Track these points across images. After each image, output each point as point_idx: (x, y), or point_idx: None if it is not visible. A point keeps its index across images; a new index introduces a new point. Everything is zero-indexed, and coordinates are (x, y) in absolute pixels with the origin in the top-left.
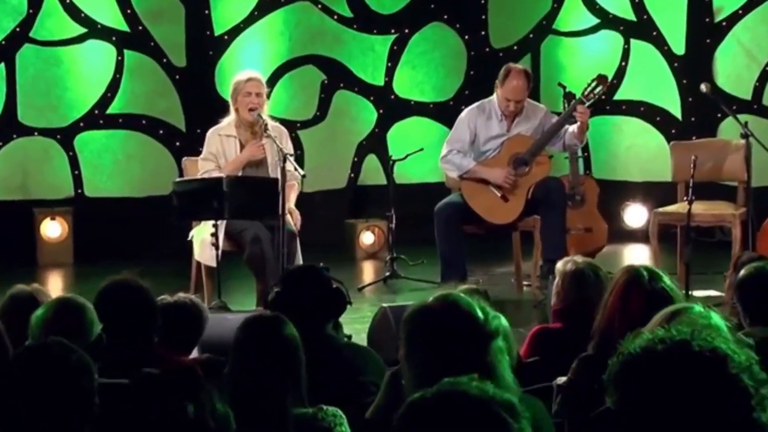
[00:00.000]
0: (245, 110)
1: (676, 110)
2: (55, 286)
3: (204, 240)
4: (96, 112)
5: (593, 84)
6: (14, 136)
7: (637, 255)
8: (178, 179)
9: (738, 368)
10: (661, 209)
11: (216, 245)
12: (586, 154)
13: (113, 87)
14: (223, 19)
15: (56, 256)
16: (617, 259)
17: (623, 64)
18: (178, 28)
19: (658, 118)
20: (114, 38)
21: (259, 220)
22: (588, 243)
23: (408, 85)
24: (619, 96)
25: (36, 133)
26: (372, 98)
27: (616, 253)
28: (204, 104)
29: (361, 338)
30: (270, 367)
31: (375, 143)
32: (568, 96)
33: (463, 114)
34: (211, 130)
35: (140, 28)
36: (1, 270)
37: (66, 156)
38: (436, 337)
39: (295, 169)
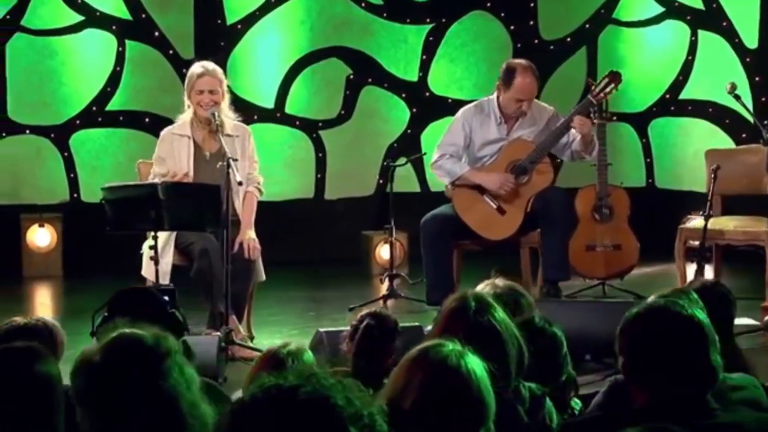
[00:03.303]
0: (198, 108)
1: (747, 111)
2: (41, 300)
3: (147, 253)
4: (94, 108)
5: (604, 82)
6: (3, 134)
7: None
8: (108, 185)
9: (349, 420)
10: (687, 225)
11: (155, 259)
12: (648, 160)
13: (113, 81)
14: (236, 7)
15: (44, 267)
16: (669, 281)
17: (690, 58)
18: (186, 17)
19: (727, 121)
20: (114, 27)
21: (203, 231)
22: (616, 262)
23: (445, 81)
24: (685, 95)
25: (28, 132)
26: (404, 95)
27: (668, 275)
28: None
29: None
30: (12, 409)
31: (407, 146)
32: None
33: (458, 114)
34: (165, 130)
35: (144, 16)
36: None
37: (61, 157)
38: (106, 392)
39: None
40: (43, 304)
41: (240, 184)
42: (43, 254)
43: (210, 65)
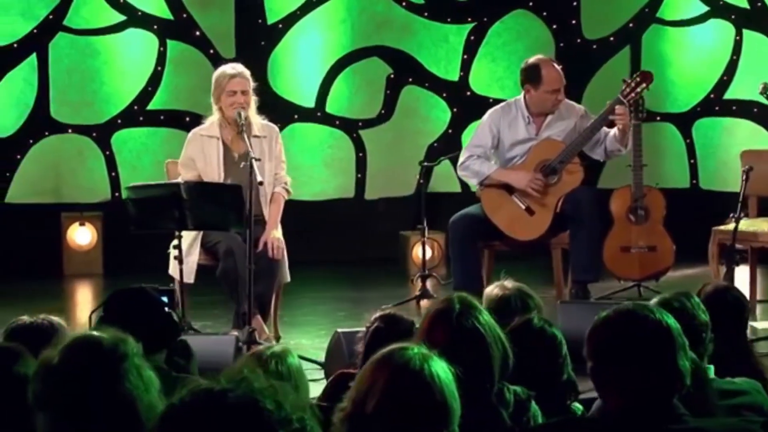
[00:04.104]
0: (230, 109)
1: None
2: (82, 298)
3: (172, 253)
4: (135, 108)
5: (635, 81)
6: (46, 133)
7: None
8: (132, 184)
9: (278, 424)
10: (721, 227)
11: (179, 258)
12: (692, 161)
13: (154, 80)
14: (277, 6)
15: (84, 265)
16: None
17: (734, 57)
18: (226, 16)
19: None
20: (156, 27)
21: (227, 231)
22: (651, 263)
23: (486, 80)
24: (729, 95)
25: (70, 131)
26: (445, 95)
27: (705, 276)
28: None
29: None
30: None
31: (448, 146)
32: None
33: (485, 116)
34: (192, 131)
35: (185, 15)
36: (24, 280)
37: (102, 156)
38: (63, 395)
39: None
40: (83, 302)
41: (260, 184)
42: (84, 252)
43: (240, 67)
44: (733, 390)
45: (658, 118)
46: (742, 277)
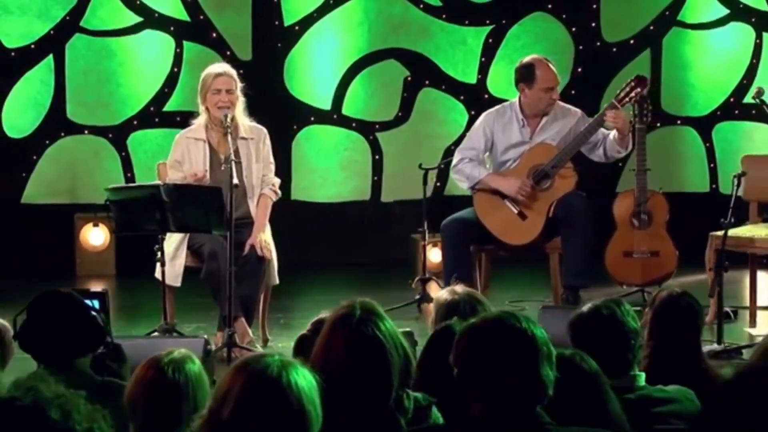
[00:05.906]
0: (215, 109)
1: None
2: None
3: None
4: (151, 109)
5: (630, 85)
6: (62, 134)
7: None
8: (112, 186)
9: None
10: (717, 232)
11: (162, 260)
12: (712, 165)
13: (171, 82)
14: (293, 8)
15: (97, 266)
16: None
17: (754, 61)
18: (243, 18)
19: None
20: (172, 28)
21: (209, 233)
22: (654, 269)
23: (504, 83)
24: (749, 99)
25: (86, 132)
26: (462, 98)
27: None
28: (271, 102)
29: None
30: None
31: None
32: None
33: (480, 118)
34: (179, 134)
35: (201, 17)
36: (37, 280)
37: (118, 157)
38: None
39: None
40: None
41: (236, 186)
42: (97, 253)
43: (226, 66)
44: (662, 398)
45: (678, 122)
46: (744, 283)
